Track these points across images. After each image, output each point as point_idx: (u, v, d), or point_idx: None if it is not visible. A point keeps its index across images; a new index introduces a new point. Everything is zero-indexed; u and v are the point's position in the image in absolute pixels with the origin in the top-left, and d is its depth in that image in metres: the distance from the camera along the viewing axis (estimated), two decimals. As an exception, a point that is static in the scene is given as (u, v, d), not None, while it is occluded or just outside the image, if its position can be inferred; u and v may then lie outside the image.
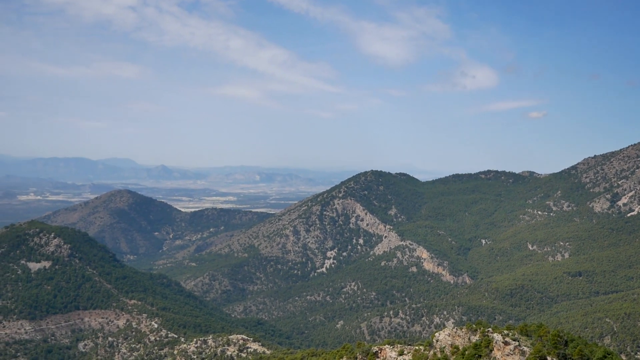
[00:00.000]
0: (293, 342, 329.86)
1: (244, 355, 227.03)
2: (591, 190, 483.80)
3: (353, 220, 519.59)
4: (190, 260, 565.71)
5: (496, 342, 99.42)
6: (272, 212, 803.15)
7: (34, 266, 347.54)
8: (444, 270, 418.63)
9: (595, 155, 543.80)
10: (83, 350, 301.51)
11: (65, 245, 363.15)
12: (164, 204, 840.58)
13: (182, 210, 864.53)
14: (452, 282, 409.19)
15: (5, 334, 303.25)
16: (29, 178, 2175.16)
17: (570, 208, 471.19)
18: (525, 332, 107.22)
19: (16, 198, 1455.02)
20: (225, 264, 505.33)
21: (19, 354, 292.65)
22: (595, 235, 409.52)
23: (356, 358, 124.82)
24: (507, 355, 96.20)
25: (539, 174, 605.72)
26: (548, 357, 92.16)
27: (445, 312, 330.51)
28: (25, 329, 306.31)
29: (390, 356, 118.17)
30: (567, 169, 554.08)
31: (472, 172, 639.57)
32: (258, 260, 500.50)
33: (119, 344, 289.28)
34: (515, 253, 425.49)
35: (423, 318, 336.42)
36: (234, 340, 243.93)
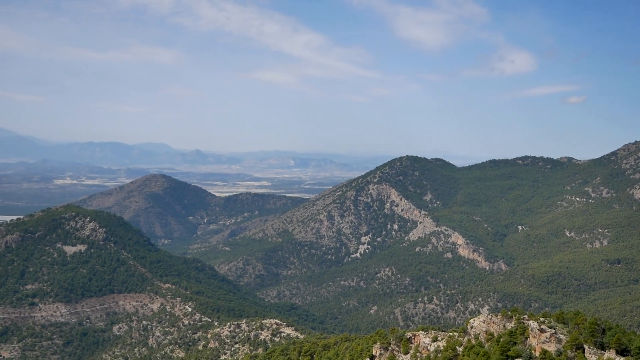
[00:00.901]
0: (326, 327, 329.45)
1: (277, 339, 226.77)
2: (631, 176, 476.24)
3: (388, 205, 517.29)
4: (225, 245, 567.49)
5: (532, 330, 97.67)
6: (306, 197, 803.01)
7: (69, 250, 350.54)
8: (479, 256, 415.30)
9: (635, 141, 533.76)
10: (117, 333, 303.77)
11: (101, 229, 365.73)
12: (198, 189, 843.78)
13: (217, 194, 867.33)
14: (487, 268, 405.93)
15: (42, 316, 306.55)
16: (65, 162, 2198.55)
17: (609, 194, 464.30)
18: (561, 319, 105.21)
19: (53, 182, 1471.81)
20: (259, 248, 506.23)
21: (54, 336, 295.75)
22: (635, 222, 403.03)
23: (389, 344, 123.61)
24: (543, 342, 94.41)
25: (577, 160, 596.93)
26: (585, 345, 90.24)
27: (480, 299, 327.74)
28: (61, 312, 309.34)
29: (424, 342, 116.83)
30: (607, 155, 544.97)
31: (509, 158, 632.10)
32: (292, 245, 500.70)
33: (153, 328, 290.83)
34: (552, 240, 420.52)
35: (457, 304, 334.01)
36: (267, 325, 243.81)
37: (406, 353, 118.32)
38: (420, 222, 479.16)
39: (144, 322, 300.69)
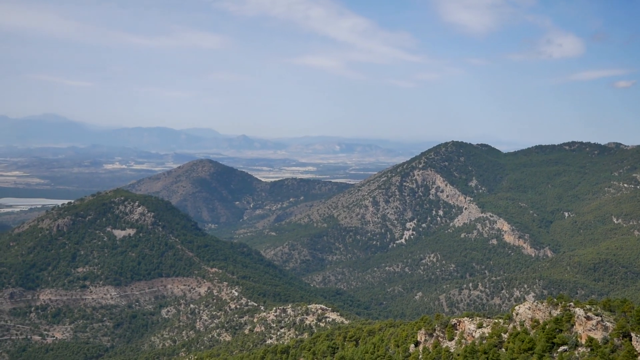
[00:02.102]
0: (371, 313, 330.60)
1: (322, 324, 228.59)
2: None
3: (433, 191, 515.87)
4: (270, 230, 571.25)
5: (578, 317, 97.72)
6: (352, 183, 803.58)
7: (119, 233, 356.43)
8: (525, 243, 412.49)
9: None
10: (166, 316, 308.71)
11: (149, 214, 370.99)
12: (244, 174, 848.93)
13: (263, 180, 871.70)
14: (533, 255, 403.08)
15: (92, 299, 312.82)
16: (114, 147, 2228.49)
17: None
18: (608, 307, 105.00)
19: (102, 167, 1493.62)
20: (305, 233, 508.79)
21: (105, 318, 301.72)
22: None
23: (434, 330, 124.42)
24: (589, 330, 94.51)
25: (625, 146, 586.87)
26: (632, 333, 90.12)
27: (525, 286, 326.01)
28: (111, 295, 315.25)
29: (469, 329, 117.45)
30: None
31: (556, 144, 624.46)
32: (337, 230, 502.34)
33: (201, 311, 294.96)
34: (599, 226, 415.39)
35: (503, 291, 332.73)
36: (312, 310, 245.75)
37: (451, 339, 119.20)
38: (466, 208, 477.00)
39: (191, 305, 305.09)
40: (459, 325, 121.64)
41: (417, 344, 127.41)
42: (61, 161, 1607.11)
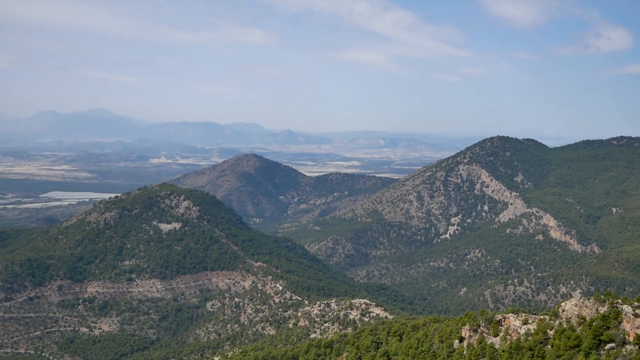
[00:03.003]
0: (415, 308, 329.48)
1: (366, 319, 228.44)
2: None
3: (478, 186, 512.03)
4: (315, 224, 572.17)
5: (626, 314, 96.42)
6: (396, 178, 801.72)
7: (165, 227, 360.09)
8: (571, 239, 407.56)
9: None
10: (211, 309, 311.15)
11: (195, 208, 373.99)
12: (289, 168, 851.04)
13: (307, 174, 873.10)
14: (579, 251, 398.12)
15: (139, 291, 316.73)
16: (160, 142, 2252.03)
17: None
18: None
19: (148, 161, 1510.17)
20: (349, 228, 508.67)
21: (151, 311, 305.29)
22: None
23: (479, 326, 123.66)
24: (637, 327, 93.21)
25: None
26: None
27: (572, 282, 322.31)
28: (157, 288, 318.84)
29: (514, 325, 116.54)
30: None
31: (604, 138, 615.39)
32: (381, 225, 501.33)
33: (245, 305, 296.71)
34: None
35: (549, 287, 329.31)
36: (356, 305, 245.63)
37: (496, 335, 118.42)
38: (511, 204, 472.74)
39: (236, 299, 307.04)
40: (504, 321, 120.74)
41: (461, 339, 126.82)
42: (108, 156, 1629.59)
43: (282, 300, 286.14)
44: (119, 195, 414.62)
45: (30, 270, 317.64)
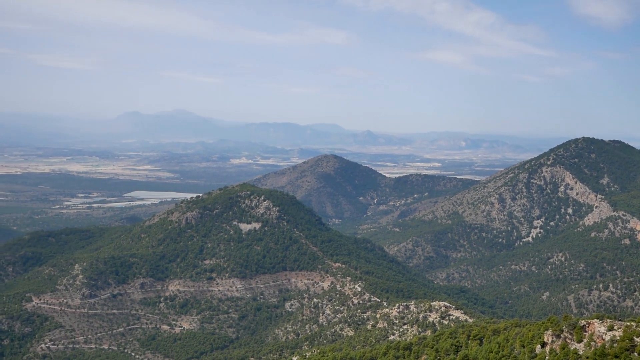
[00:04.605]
0: (496, 312, 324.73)
1: (445, 322, 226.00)
2: None
3: (562, 189, 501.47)
4: (394, 226, 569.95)
5: None
6: (477, 179, 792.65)
7: (245, 227, 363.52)
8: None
9: None
10: (289, 309, 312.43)
11: (274, 208, 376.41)
12: (369, 169, 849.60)
13: (387, 175, 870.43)
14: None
15: (219, 290, 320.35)
16: (241, 142, 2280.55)
17: None
18: None
19: (229, 161, 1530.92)
20: (429, 230, 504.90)
21: (230, 310, 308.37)
22: None
23: (562, 331, 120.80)
24: None
25: None
26: None
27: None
28: (236, 287, 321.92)
29: (598, 331, 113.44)
30: None
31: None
32: (462, 227, 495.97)
33: (324, 306, 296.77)
34: None
35: (635, 293, 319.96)
36: (436, 307, 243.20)
37: (579, 341, 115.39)
38: (596, 207, 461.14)
39: (314, 299, 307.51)
40: (588, 327, 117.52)
41: (543, 344, 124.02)
42: (190, 156, 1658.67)
43: (361, 302, 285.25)
44: (200, 195, 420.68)
45: (113, 268, 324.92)
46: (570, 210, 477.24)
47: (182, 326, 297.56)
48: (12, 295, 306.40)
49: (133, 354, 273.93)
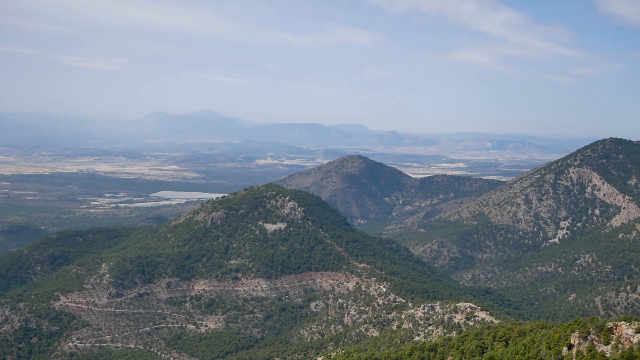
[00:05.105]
0: (522, 313, 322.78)
1: (471, 323, 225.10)
2: None
3: (589, 189, 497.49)
4: (419, 226, 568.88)
5: None
6: (503, 180, 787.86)
7: (270, 227, 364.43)
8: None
9: None
10: (314, 310, 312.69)
11: (300, 208, 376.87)
12: (394, 170, 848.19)
13: (412, 176, 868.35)
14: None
15: (244, 290, 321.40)
16: (267, 143, 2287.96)
17: None
18: None
19: (255, 162, 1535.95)
20: (454, 231, 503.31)
21: (255, 310, 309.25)
22: None
23: (589, 333, 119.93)
24: None
25: None
26: None
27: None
28: (261, 287, 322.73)
29: (626, 333, 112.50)
30: None
31: None
32: (487, 228, 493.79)
33: (349, 306, 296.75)
34: None
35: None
36: (461, 308, 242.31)
37: (607, 344, 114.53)
38: (624, 208, 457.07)
39: (339, 300, 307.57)
40: (615, 329, 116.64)
41: (570, 347, 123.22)
42: (216, 156, 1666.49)
43: (386, 302, 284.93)
44: (226, 195, 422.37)
45: (140, 267, 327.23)
46: (597, 212, 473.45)
47: (207, 326, 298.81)
48: (40, 294, 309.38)
49: (159, 353, 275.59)
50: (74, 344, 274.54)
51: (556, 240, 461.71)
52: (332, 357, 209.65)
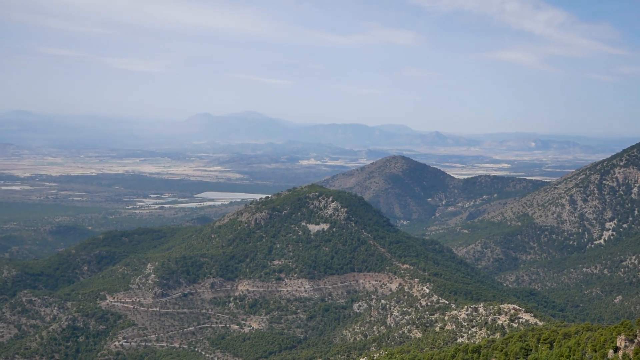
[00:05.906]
0: (567, 315, 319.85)
1: (515, 325, 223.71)
2: None
3: (635, 190, 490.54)
4: (463, 227, 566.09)
5: None
6: (547, 181, 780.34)
7: (313, 228, 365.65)
8: None
9: None
10: (357, 311, 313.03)
11: (342, 209, 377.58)
12: (437, 170, 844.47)
13: (455, 176, 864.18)
14: None
15: (287, 291, 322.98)
16: (309, 143, 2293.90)
17: None
18: None
19: (298, 162, 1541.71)
20: (498, 232, 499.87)
21: (299, 310, 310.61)
22: None
23: (635, 336, 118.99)
24: None
25: None
26: None
27: None
28: (304, 288, 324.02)
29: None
30: None
31: None
32: (532, 229, 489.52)
33: (392, 307, 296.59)
34: None
35: None
36: (505, 310, 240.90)
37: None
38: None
39: (382, 301, 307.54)
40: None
41: (616, 349, 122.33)
42: (259, 157, 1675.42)
43: (429, 304, 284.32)
44: (269, 196, 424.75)
45: (184, 267, 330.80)
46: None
47: (251, 326, 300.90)
48: (87, 293, 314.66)
49: (203, 352, 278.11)
50: (120, 343, 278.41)
51: (601, 241, 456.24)
52: (374, 358, 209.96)
